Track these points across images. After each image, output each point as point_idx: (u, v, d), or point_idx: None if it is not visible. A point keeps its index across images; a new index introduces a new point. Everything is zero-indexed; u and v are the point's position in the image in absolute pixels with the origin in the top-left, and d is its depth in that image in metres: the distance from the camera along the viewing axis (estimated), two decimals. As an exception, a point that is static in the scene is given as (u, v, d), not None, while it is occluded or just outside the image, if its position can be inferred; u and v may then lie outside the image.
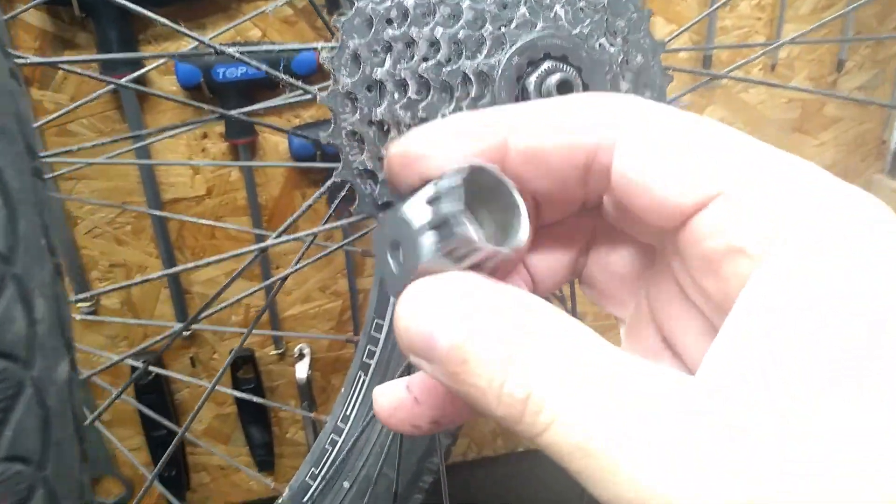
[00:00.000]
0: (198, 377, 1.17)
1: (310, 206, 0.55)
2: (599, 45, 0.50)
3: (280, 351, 1.19)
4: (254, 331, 1.16)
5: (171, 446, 0.64)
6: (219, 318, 1.14)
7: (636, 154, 0.23)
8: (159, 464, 0.68)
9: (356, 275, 1.16)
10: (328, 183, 0.54)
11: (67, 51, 0.97)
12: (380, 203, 0.52)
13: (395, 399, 0.28)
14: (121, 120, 1.00)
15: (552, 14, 0.49)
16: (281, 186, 1.07)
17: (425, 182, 0.24)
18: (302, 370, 1.18)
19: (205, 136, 1.01)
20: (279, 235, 0.55)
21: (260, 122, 0.66)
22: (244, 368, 1.17)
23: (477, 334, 0.21)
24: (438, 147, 0.24)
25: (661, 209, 0.23)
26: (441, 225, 0.23)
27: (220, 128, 1.00)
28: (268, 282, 0.65)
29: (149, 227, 1.06)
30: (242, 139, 0.99)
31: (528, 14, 0.48)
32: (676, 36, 0.68)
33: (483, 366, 0.21)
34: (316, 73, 0.98)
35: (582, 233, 0.30)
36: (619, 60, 0.52)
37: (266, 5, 0.69)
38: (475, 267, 0.24)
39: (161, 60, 0.84)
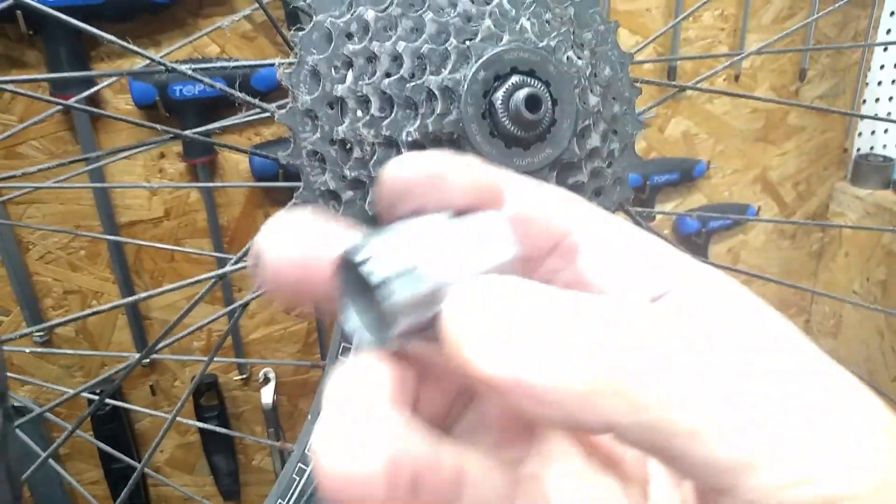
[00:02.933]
0: (158, 405, 1.13)
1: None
2: (567, 58, 0.48)
3: (244, 376, 1.15)
4: (216, 358, 1.12)
5: (129, 482, 0.60)
6: (180, 344, 1.10)
7: (598, 250, 0.24)
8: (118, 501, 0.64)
9: (322, 295, 1.13)
10: (289, 205, 0.51)
11: (15, 70, 0.93)
12: (343, 225, 0.50)
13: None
14: (73, 141, 0.96)
15: (518, 26, 0.47)
16: (242, 207, 1.04)
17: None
18: (267, 395, 1.14)
19: (162, 156, 0.98)
20: (238, 262, 0.53)
21: (216, 142, 0.64)
22: (207, 395, 1.13)
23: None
24: (443, 179, 0.22)
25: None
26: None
27: (177, 147, 0.97)
28: (229, 308, 0.62)
29: (104, 251, 1.02)
30: (201, 158, 0.96)
31: (493, 27, 0.46)
32: (643, 47, 0.67)
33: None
34: (277, 90, 0.96)
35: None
36: (588, 73, 0.50)
37: (223, 20, 0.67)
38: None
39: (113, 79, 0.80)
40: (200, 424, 0.77)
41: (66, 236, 1.01)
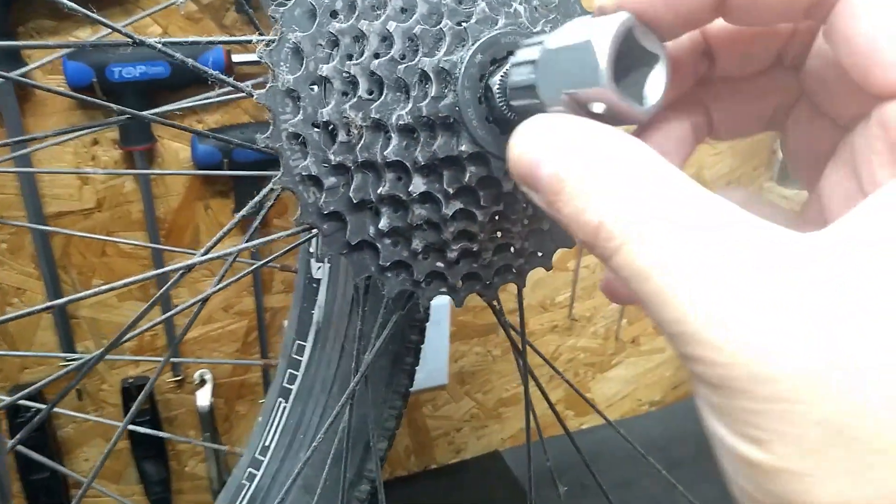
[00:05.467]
0: (84, 411, 1.05)
1: (242, 217, 0.49)
2: (559, 45, 0.47)
3: (178, 378, 1.10)
4: (147, 358, 1.06)
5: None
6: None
7: (870, 5, 0.22)
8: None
9: (263, 291, 1.09)
10: (265, 191, 0.48)
11: (-74, 45, 0.85)
12: (325, 213, 0.47)
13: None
14: (-3, 124, 0.89)
15: (512, 10, 0.46)
16: (181, 198, 0.99)
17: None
18: (203, 398, 1.09)
19: (95, 142, 0.91)
20: (206, 252, 0.49)
21: (173, 123, 0.60)
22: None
23: (568, 168, 0.24)
24: None
25: (881, 75, 0.21)
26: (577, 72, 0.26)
27: (112, 133, 0.91)
28: (187, 304, 0.59)
29: (28, 244, 0.94)
30: (139, 146, 0.90)
31: (487, 9, 0.45)
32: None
33: (571, 196, 0.23)
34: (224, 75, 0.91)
35: (778, 92, 0.30)
36: (577, 62, 0.50)
37: (171, -1, 0.63)
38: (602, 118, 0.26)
39: (59, 53, 0.74)
40: (140, 428, 0.72)
41: (-16, 228, 0.93)
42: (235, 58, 0.89)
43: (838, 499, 0.18)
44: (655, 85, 0.27)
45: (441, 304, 1.20)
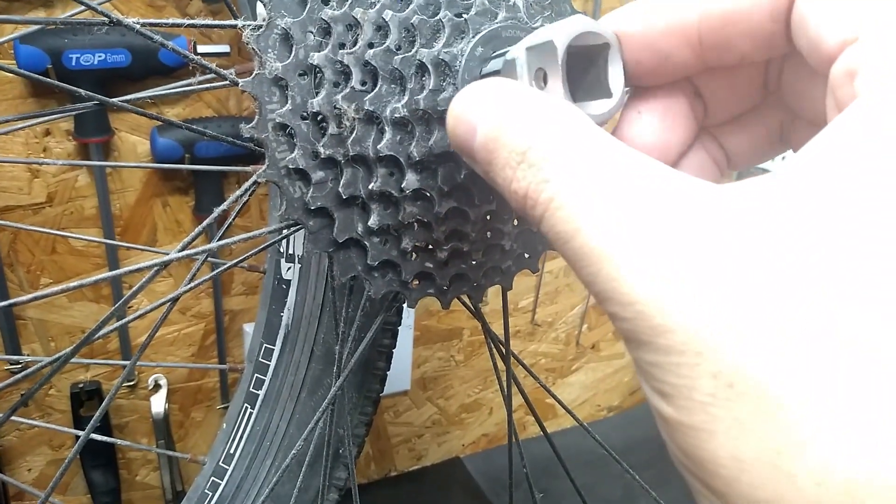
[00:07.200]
0: (29, 417, 1.00)
1: (229, 208, 0.47)
2: (556, 41, 0.46)
3: (132, 382, 1.05)
4: (99, 361, 1.01)
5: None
6: (56, 348, 0.98)
7: None
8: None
9: (223, 293, 1.05)
10: (249, 183, 0.46)
11: None
12: (312, 208, 0.45)
13: None
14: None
15: (511, 3, 0.45)
16: (138, 193, 0.94)
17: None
18: (158, 403, 1.04)
19: (48, 132, 0.86)
20: (184, 248, 0.46)
21: (153, 114, 0.57)
22: (88, 404, 1.01)
23: (497, 135, 0.24)
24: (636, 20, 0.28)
25: (828, 41, 0.22)
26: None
27: (66, 124, 0.86)
28: (155, 304, 0.55)
29: (-31, 240, 0.89)
30: (95, 138, 0.85)
31: (487, 2, 0.43)
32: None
33: (503, 165, 0.24)
34: (183, 67, 0.88)
35: (776, 117, 0.31)
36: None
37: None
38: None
39: (10, 35, 0.69)
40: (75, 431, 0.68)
41: (-79, 222, 0.87)
42: (200, 48, 0.86)
43: (731, 453, 0.18)
44: (598, 109, 0.29)
45: (405, 307, 1.18)
